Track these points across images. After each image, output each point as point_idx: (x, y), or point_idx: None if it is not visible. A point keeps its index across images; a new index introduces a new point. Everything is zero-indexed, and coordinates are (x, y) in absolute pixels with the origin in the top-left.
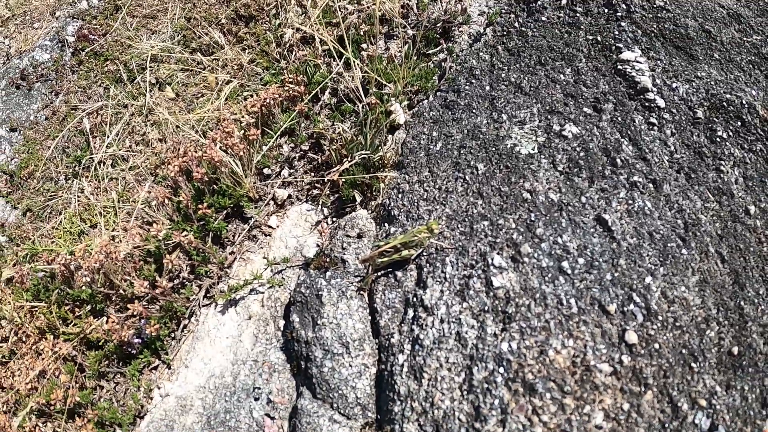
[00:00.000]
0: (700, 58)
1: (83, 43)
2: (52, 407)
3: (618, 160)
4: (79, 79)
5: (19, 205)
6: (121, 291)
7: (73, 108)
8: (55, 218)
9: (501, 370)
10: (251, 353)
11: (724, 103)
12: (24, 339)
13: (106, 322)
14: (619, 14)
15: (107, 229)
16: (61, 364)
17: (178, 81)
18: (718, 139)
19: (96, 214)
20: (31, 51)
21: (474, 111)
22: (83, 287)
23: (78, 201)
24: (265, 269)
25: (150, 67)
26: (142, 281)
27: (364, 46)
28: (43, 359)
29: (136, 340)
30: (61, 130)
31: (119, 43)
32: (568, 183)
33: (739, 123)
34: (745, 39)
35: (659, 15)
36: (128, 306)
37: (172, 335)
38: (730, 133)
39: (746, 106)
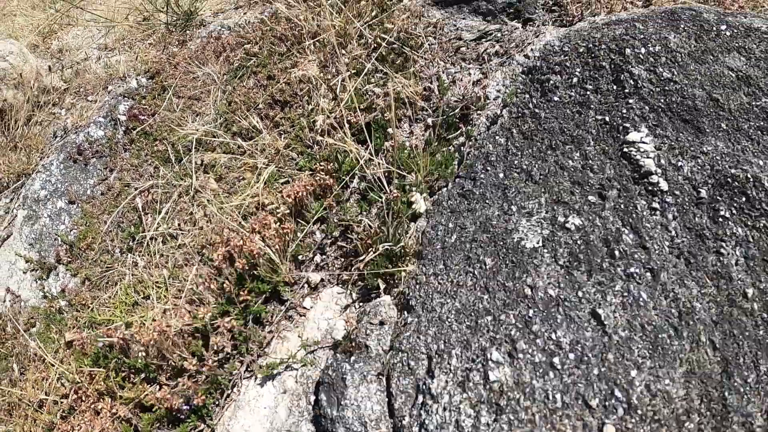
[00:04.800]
0: (707, 130)
1: (134, 122)
2: None
3: (616, 252)
4: (131, 158)
5: (78, 273)
6: (171, 362)
7: (126, 185)
8: (111, 288)
9: None
10: (285, 423)
11: (729, 179)
12: (83, 398)
13: (159, 389)
14: (627, 90)
15: (159, 302)
16: (119, 425)
17: (222, 164)
18: (720, 219)
19: (149, 287)
20: (87, 127)
21: (487, 201)
22: (138, 357)
23: (132, 274)
24: (299, 350)
25: (196, 148)
26: (192, 359)
27: (389, 130)
28: (101, 419)
29: (185, 407)
30: (115, 206)
31: (167, 123)
32: (567, 277)
33: (744, 198)
34: (753, 103)
35: (666, 88)
36: (179, 379)
37: (216, 403)
38: (734, 211)
39: (752, 179)
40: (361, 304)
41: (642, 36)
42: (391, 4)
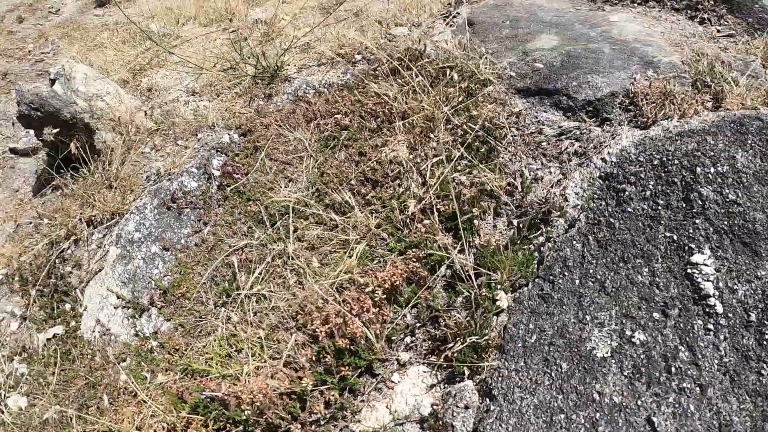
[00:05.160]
0: (763, 255)
1: (228, 179)
2: None
3: (673, 368)
4: (225, 214)
5: (171, 319)
6: (268, 419)
7: (220, 240)
8: (204, 338)
9: None
10: None
11: None
12: None
13: None
14: (695, 210)
15: (254, 359)
16: None
17: (315, 235)
18: (765, 342)
19: (241, 341)
20: (180, 175)
21: (564, 307)
22: (239, 411)
23: (225, 328)
24: (390, 422)
25: (290, 214)
26: (293, 421)
27: (475, 222)
28: None
29: None
30: (209, 259)
31: (260, 185)
32: (629, 387)
33: None
34: None
35: (731, 210)
36: None
37: None
38: None
39: None
40: (445, 385)
41: (712, 153)
42: (476, 89)
